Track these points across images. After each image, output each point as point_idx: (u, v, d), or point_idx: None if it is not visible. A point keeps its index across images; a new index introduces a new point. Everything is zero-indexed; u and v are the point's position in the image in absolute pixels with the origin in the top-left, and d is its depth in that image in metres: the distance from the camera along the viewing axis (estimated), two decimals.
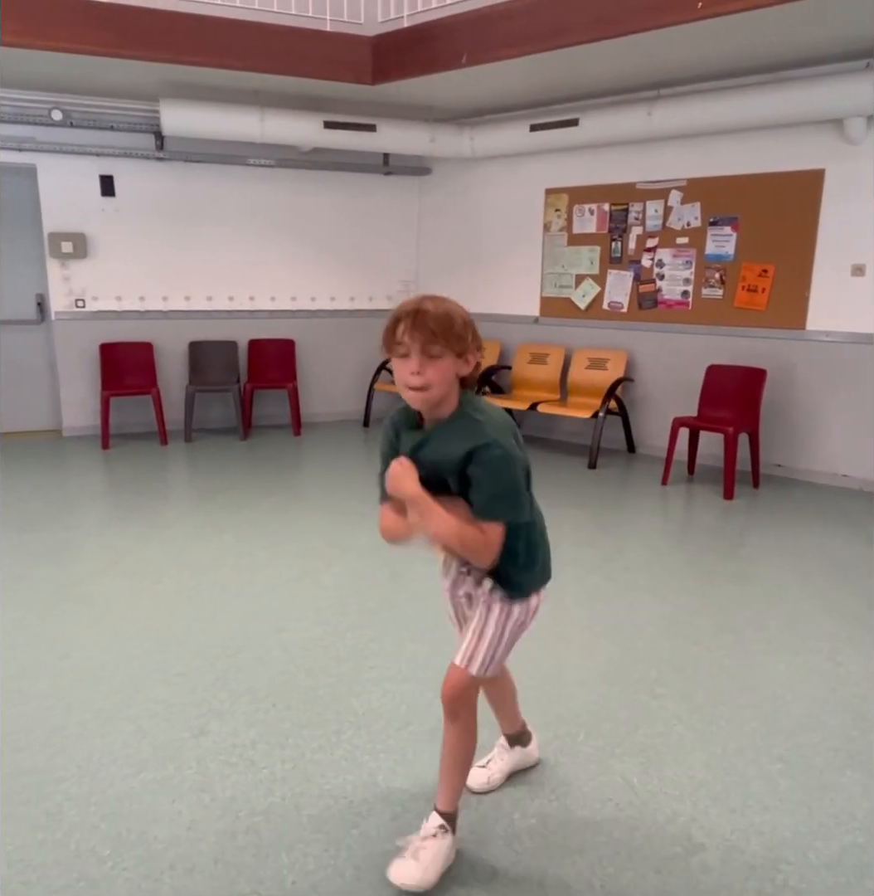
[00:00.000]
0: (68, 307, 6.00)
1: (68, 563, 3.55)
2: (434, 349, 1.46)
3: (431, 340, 1.45)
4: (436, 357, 1.46)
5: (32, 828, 1.81)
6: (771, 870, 1.70)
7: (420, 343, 1.46)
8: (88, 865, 1.69)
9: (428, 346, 1.46)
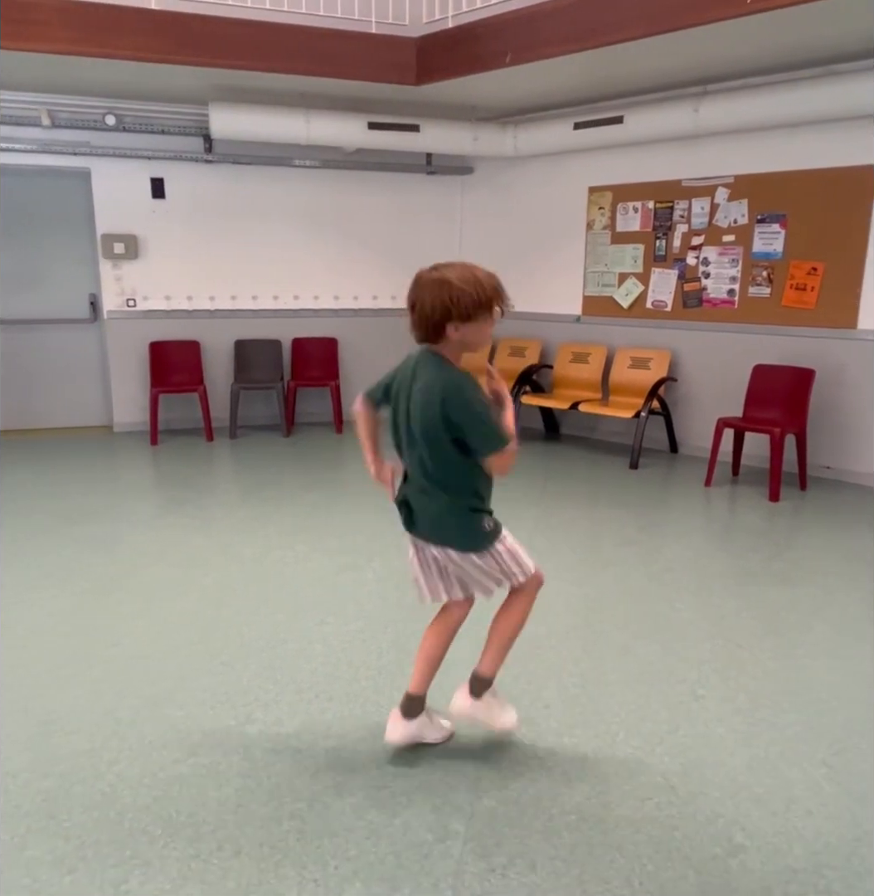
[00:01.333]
0: (120, 306, 6.18)
1: (119, 555, 3.67)
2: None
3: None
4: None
5: (88, 806, 1.89)
6: (813, 874, 1.68)
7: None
8: (140, 844, 1.76)
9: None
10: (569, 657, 2.64)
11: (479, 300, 1.72)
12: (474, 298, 1.71)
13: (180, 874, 1.67)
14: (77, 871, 1.67)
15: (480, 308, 1.73)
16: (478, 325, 1.75)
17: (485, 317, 1.75)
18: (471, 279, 1.73)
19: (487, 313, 1.75)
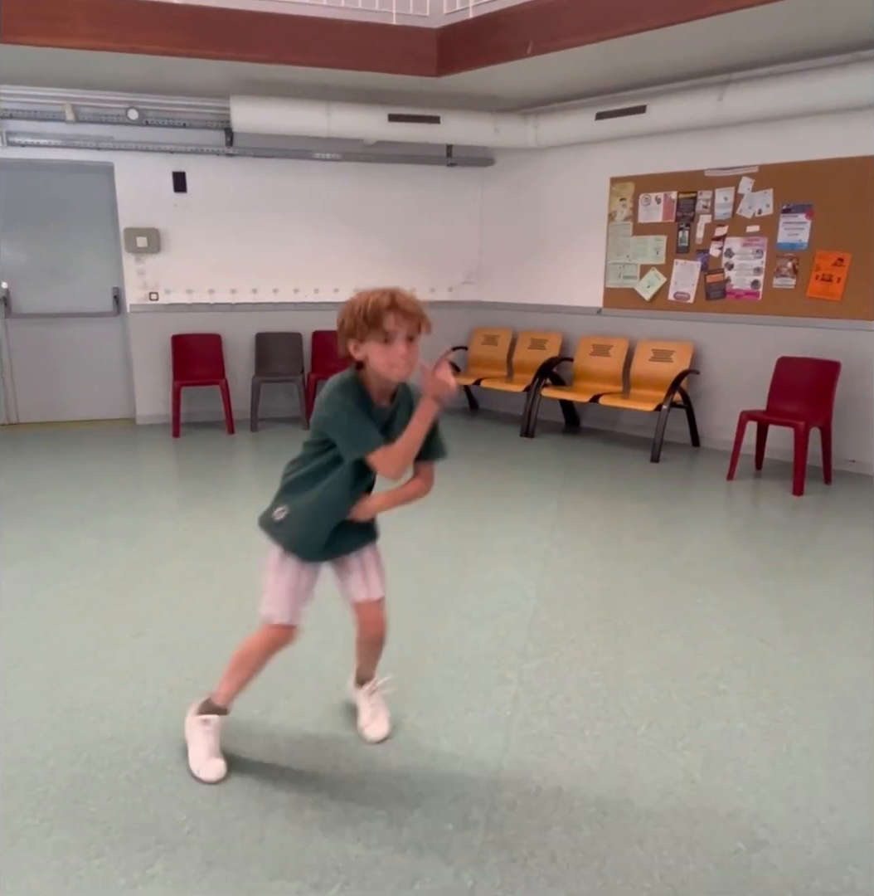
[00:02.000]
0: (142, 300, 6.24)
1: (142, 546, 3.71)
2: (415, 334, 1.69)
3: (415, 327, 1.68)
4: (414, 340, 1.70)
5: (114, 792, 1.92)
6: (837, 871, 1.67)
7: (407, 329, 1.67)
8: (166, 829, 1.79)
9: (413, 331, 1.68)
10: (589, 651, 2.64)
11: (364, 318, 1.64)
12: (357, 315, 1.65)
13: (205, 859, 1.70)
14: (104, 856, 1.71)
15: (365, 325, 1.64)
16: (371, 345, 1.66)
17: (376, 337, 1.65)
18: (364, 298, 1.66)
19: (376, 332, 1.64)
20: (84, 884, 1.63)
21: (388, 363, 1.68)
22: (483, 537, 3.76)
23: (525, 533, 3.84)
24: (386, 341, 1.65)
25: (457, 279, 7.16)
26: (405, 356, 1.67)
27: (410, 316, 1.65)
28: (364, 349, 1.69)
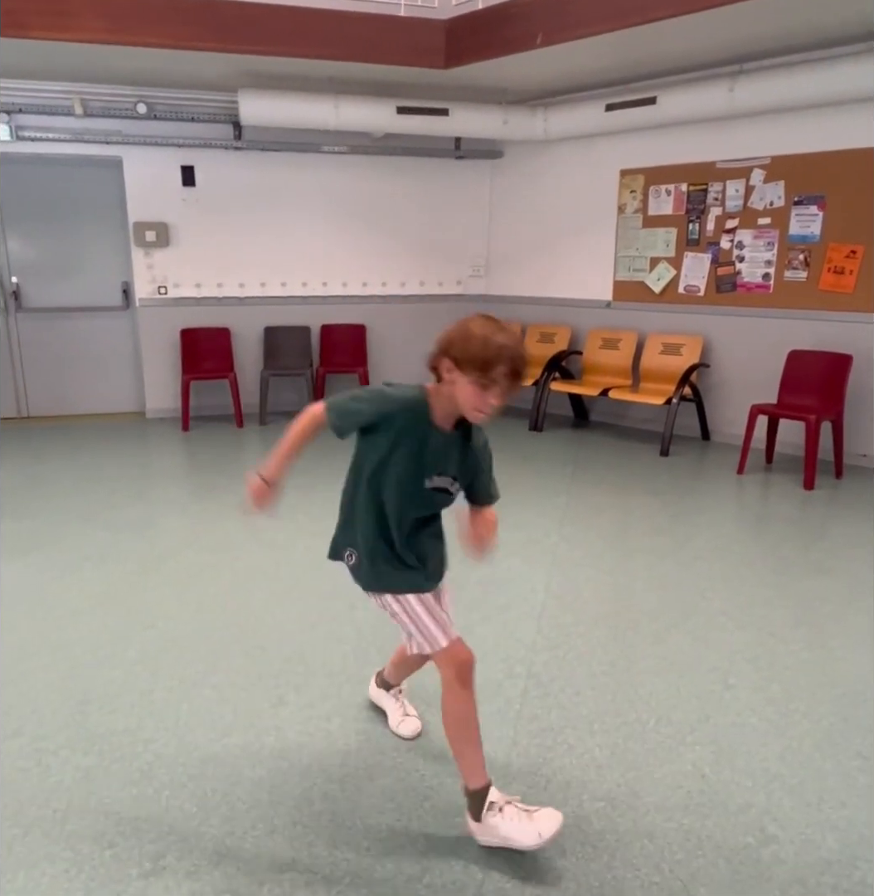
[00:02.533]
0: (151, 294, 6.26)
1: (153, 538, 3.73)
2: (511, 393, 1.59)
3: (516, 389, 1.58)
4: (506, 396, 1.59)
5: (126, 784, 1.93)
6: (847, 866, 1.66)
7: (508, 388, 1.56)
8: (177, 821, 1.80)
9: (512, 391, 1.57)
10: (598, 645, 2.64)
11: (477, 354, 1.51)
12: (473, 349, 1.53)
13: (216, 851, 1.71)
14: (117, 846, 1.72)
15: (474, 363, 1.52)
16: (466, 381, 1.54)
17: (478, 379, 1.52)
18: (486, 333, 1.53)
19: (480, 375, 1.52)
20: (97, 874, 1.64)
21: (474, 406, 1.58)
22: None
23: (533, 527, 3.84)
24: (484, 387, 1.54)
25: (466, 272, 7.14)
26: (494, 408, 1.58)
27: (519, 380, 1.55)
28: (456, 377, 1.57)
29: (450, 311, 7.10)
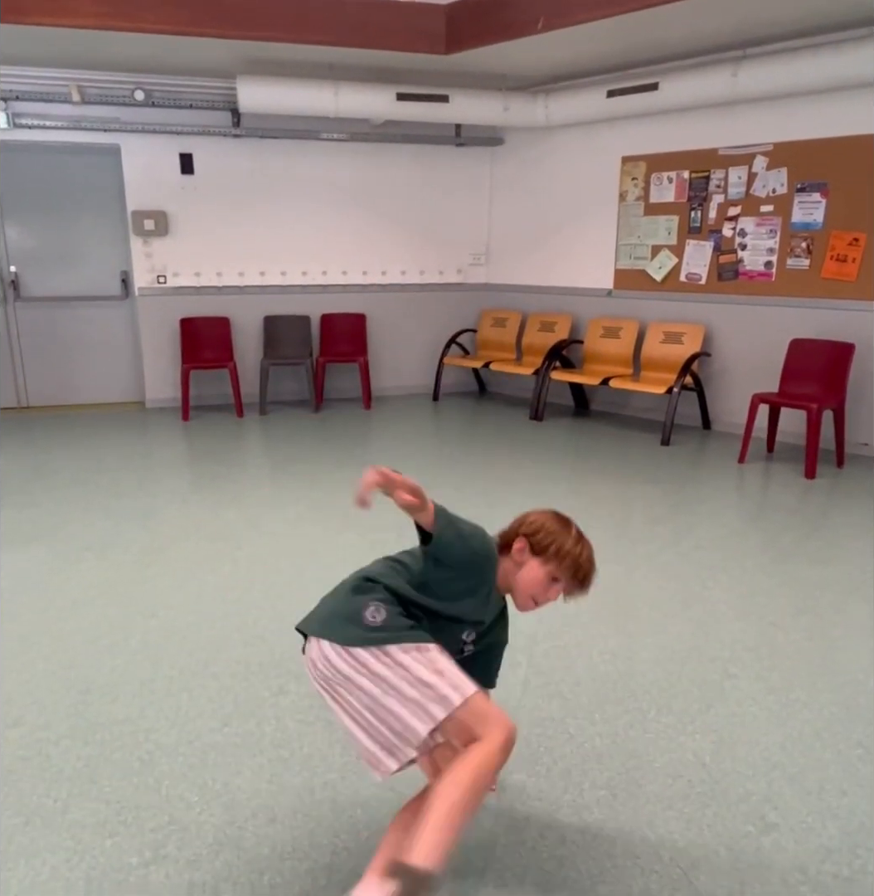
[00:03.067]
0: (150, 283, 6.23)
1: (154, 528, 3.73)
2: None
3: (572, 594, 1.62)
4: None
5: (127, 773, 1.94)
6: (848, 854, 1.67)
7: (573, 594, 1.62)
8: (178, 810, 1.81)
9: (567, 594, 1.62)
10: (598, 634, 2.64)
11: (570, 551, 1.56)
12: (568, 545, 1.57)
13: (216, 840, 1.71)
14: (118, 835, 1.72)
15: (556, 554, 1.56)
16: (538, 565, 1.56)
17: (552, 570, 1.56)
18: (580, 534, 1.63)
19: (556, 568, 1.56)
20: (97, 863, 1.65)
21: (534, 593, 1.58)
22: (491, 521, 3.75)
23: None
24: (555, 580, 1.57)
25: (466, 260, 7.11)
26: (547, 603, 1.60)
27: (584, 591, 1.61)
28: (529, 561, 1.58)
29: (450, 300, 7.08)
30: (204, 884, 1.59)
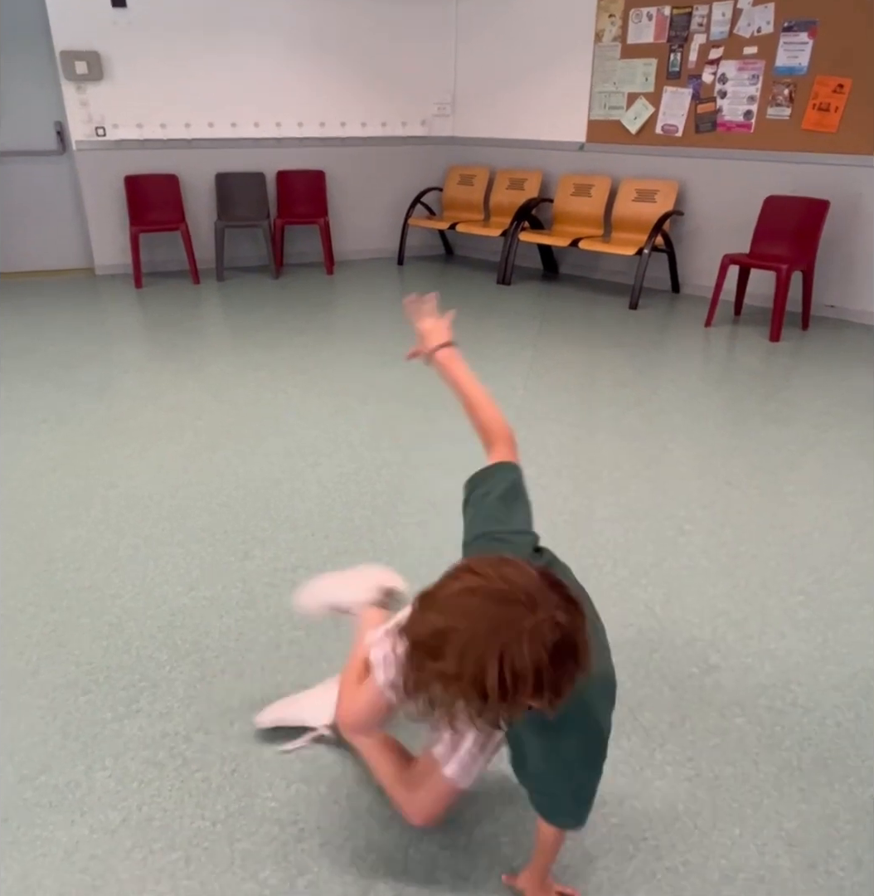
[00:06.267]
0: (89, 136, 5.74)
1: (110, 399, 3.64)
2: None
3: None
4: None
5: (96, 636, 1.98)
6: (782, 689, 1.79)
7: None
8: (149, 669, 1.86)
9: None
10: (559, 495, 2.69)
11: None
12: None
13: (187, 694, 1.78)
14: (91, 693, 1.78)
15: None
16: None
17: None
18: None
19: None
20: (72, 718, 1.71)
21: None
22: None
23: (499, 381, 3.81)
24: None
25: (431, 111, 6.65)
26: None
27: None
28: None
29: (414, 155, 6.68)
30: (176, 734, 1.67)
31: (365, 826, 1.46)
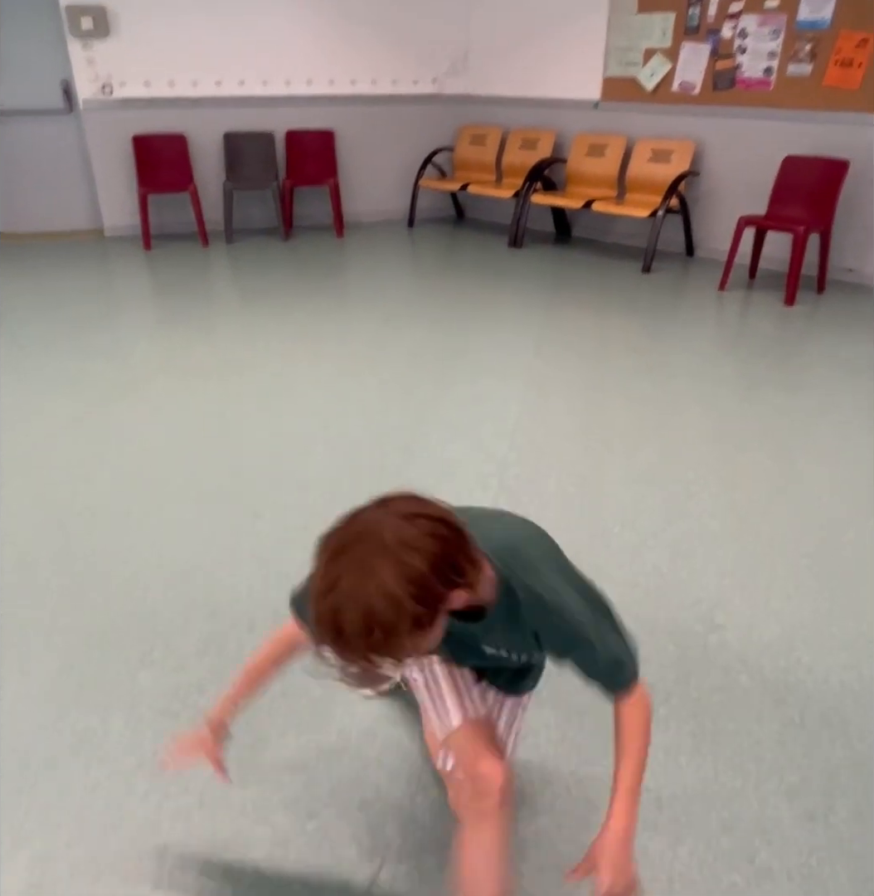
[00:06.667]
0: (95, 94, 5.67)
1: (121, 362, 3.65)
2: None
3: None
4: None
5: (111, 593, 2.02)
6: (786, 648, 1.81)
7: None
8: (163, 622, 1.90)
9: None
10: (568, 460, 2.69)
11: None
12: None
13: (200, 648, 1.81)
14: (106, 645, 1.82)
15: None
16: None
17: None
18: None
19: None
20: (88, 669, 1.75)
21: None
22: (467, 352, 3.71)
23: (510, 346, 3.79)
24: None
25: (442, 68, 6.51)
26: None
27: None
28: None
29: (425, 114, 6.57)
30: (189, 685, 1.71)
31: (373, 776, 1.50)
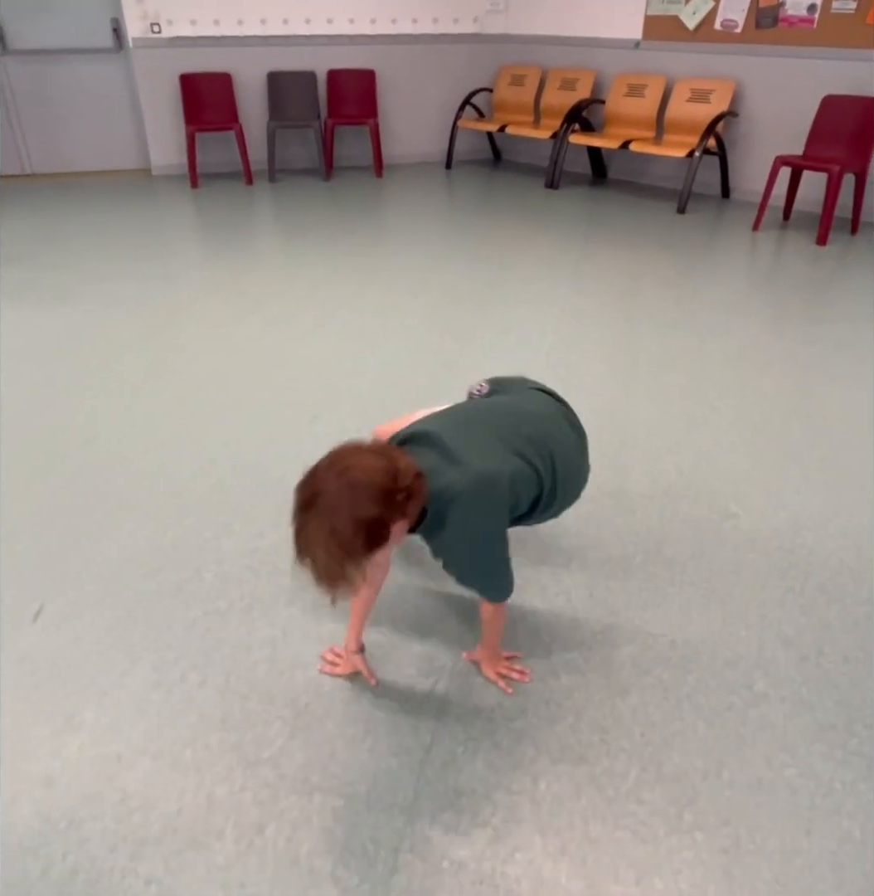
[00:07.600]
0: (144, 33, 5.81)
1: (175, 289, 3.88)
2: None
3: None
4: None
5: (195, 473, 2.28)
6: (793, 534, 2.02)
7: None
8: (240, 500, 2.16)
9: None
10: (599, 379, 2.89)
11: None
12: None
13: (272, 521, 2.07)
14: (192, 516, 2.09)
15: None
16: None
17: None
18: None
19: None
20: (179, 534, 2.02)
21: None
22: (504, 283, 3.89)
23: (546, 280, 3.95)
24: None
25: (483, 7, 6.51)
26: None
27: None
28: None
29: (465, 54, 6.60)
30: (267, 549, 1.97)
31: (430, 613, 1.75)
